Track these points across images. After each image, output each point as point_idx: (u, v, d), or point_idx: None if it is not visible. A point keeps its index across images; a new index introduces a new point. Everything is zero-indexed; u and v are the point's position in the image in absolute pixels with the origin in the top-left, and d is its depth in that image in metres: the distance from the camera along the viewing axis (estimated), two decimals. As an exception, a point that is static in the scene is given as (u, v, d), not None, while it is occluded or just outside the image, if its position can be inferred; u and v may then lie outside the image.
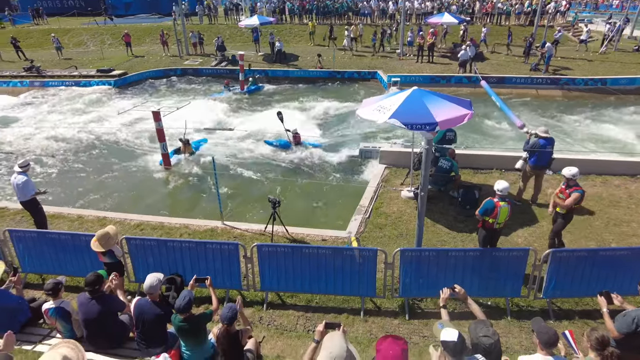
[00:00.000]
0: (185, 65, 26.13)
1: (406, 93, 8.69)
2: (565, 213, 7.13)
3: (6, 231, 6.98)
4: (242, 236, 8.60)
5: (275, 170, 13.18)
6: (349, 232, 8.53)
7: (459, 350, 3.37)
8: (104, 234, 5.77)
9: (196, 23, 33.43)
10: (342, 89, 22.50)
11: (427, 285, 6.38)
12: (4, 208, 9.95)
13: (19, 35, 30.85)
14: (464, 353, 3.45)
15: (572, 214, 7.22)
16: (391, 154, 11.62)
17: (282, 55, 25.60)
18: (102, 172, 13.40)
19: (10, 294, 5.32)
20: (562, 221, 7.25)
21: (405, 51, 25.03)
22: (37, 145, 15.88)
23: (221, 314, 4.38)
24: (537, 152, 8.69)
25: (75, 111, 19.73)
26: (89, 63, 26.83)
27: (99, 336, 4.96)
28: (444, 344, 3.41)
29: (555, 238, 7.46)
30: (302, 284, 6.56)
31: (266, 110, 18.76)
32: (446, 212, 9.30)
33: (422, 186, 6.37)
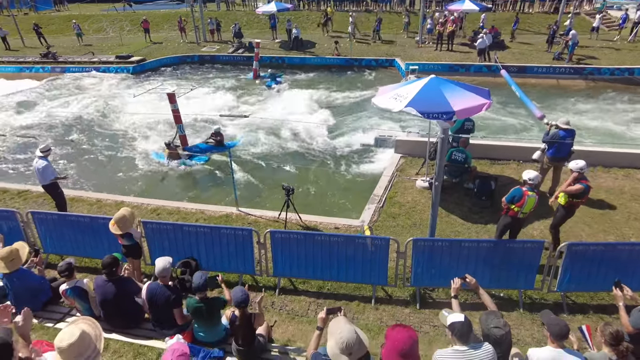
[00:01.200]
0: (202, 52, 26.24)
1: (423, 81, 8.56)
2: (565, 205, 7.00)
3: (29, 213, 7.19)
4: (256, 222, 8.69)
5: (290, 157, 13.22)
6: (362, 221, 8.54)
7: (466, 331, 3.39)
8: (121, 216, 5.90)
9: (213, 10, 33.42)
10: (359, 76, 22.32)
11: (439, 275, 6.36)
12: (27, 191, 10.25)
13: (41, 21, 31.33)
14: (471, 336, 3.46)
15: (573, 209, 7.05)
16: (407, 143, 11.52)
17: (299, 42, 25.46)
18: (118, 157, 13.66)
19: (33, 274, 5.51)
20: (562, 213, 7.11)
21: (424, 39, 24.62)
22: (57, 130, 16.25)
23: (234, 296, 4.47)
24: (557, 143, 8.51)
25: (94, 97, 20.06)
26: (108, 49, 27.17)
27: (116, 316, 5.12)
28: (451, 327, 3.44)
29: (553, 230, 7.35)
30: (314, 271, 6.62)
31: (281, 97, 18.77)
32: (461, 202, 9.21)
33: (437, 176, 6.31)
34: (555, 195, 7.19)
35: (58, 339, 2.85)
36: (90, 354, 2.91)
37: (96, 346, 2.97)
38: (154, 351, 4.79)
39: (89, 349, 2.91)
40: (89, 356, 2.90)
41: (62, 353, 2.82)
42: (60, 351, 2.82)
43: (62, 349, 2.81)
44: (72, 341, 2.84)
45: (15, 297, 5.33)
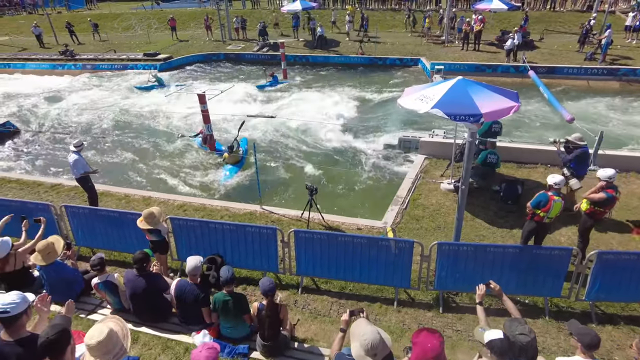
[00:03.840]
0: (227, 50, 26.56)
1: (450, 82, 8.47)
2: (587, 212, 6.82)
3: (63, 207, 7.46)
4: (279, 221, 8.78)
5: (313, 157, 13.28)
6: (384, 223, 8.53)
7: (506, 348, 3.33)
8: (150, 213, 6.07)
9: (239, 8, 33.77)
10: (383, 76, 22.18)
11: (463, 279, 6.30)
12: (60, 184, 10.63)
13: (73, 20, 32.29)
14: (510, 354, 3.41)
15: (596, 216, 6.86)
16: (431, 145, 11.42)
17: (323, 41, 25.47)
18: (147, 152, 13.99)
19: (67, 267, 5.73)
20: (585, 220, 6.94)
21: (451, 38, 24.29)
22: (89, 125, 16.76)
23: (261, 286, 4.58)
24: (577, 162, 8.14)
25: (122, 93, 20.59)
26: (136, 47, 27.80)
27: (145, 310, 5.28)
28: (490, 345, 3.37)
29: (581, 237, 7.17)
30: (337, 271, 6.65)
31: (305, 96, 18.85)
32: (487, 206, 9.08)
33: (463, 179, 6.25)
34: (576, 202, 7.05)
35: (88, 336, 2.97)
36: (117, 352, 3.02)
37: (123, 345, 3.08)
38: (181, 345, 4.91)
39: (116, 347, 3.02)
40: (116, 354, 3.01)
41: (91, 350, 2.94)
42: (89, 348, 2.94)
43: (91, 346, 2.93)
44: (101, 339, 2.95)
45: (50, 288, 5.56)
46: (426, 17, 25.39)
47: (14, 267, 5.58)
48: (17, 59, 27.34)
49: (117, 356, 3.03)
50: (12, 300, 3.25)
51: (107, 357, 2.98)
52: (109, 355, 2.98)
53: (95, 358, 2.97)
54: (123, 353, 3.08)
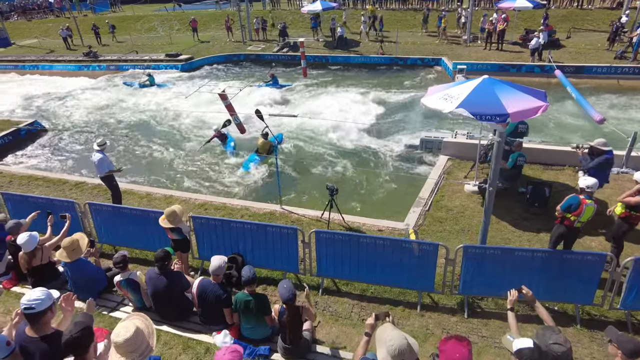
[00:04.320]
0: (248, 51, 26.71)
1: (476, 81, 8.27)
2: (622, 216, 6.52)
3: (87, 204, 7.56)
4: (299, 221, 8.71)
5: (334, 157, 13.18)
6: (406, 224, 8.36)
7: (536, 358, 3.17)
8: (172, 212, 6.07)
9: (259, 9, 33.95)
10: (404, 75, 21.93)
11: (489, 284, 6.11)
12: (83, 182, 10.81)
13: (99, 22, 33.01)
14: None
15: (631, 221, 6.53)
16: (455, 145, 11.18)
17: (343, 41, 25.35)
18: (168, 152, 14.13)
19: (91, 264, 5.78)
20: (619, 225, 6.63)
21: (473, 37, 23.84)
22: (112, 124, 17.06)
23: (280, 293, 4.48)
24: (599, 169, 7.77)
25: (144, 93, 20.91)
26: (158, 48, 28.23)
27: (166, 308, 5.28)
28: (519, 354, 3.22)
29: (613, 242, 6.85)
30: (358, 273, 6.53)
31: (326, 97, 18.78)
32: (512, 208, 8.82)
33: (491, 181, 6.05)
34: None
35: (114, 333, 2.95)
36: (143, 350, 2.99)
37: (149, 343, 3.06)
38: (202, 345, 4.88)
39: (142, 345, 3.00)
40: (143, 352, 2.99)
41: (119, 347, 2.92)
42: (116, 345, 2.92)
43: (118, 343, 2.91)
44: (128, 336, 2.93)
45: (74, 284, 5.61)
46: (442, 16, 25.04)
47: (41, 262, 5.66)
48: (45, 61, 28.10)
49: (144, 354, 3.01)
50: (37, 297, 3.26)
51: (134, 355, 2.96)
52: (135, 353, 2.97)
53: (121, 355, 2.95)
54: (149, 351, 3.06)
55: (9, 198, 8.06)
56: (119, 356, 2.96)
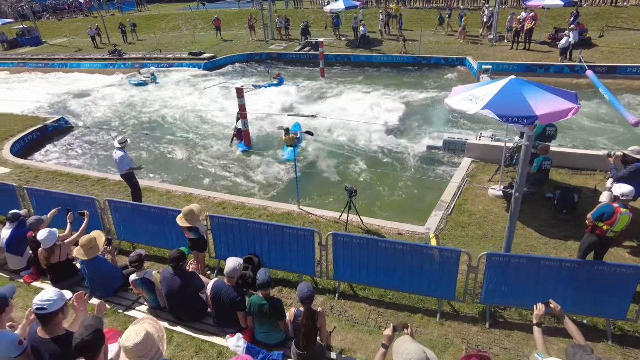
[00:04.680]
0: (270, 50, 26.74)
1: (502, 82, 7.98)
2: None
3: (106, 201, 7.62)
4: (317, 222, 8.58)
5: (353, 158, 13.01)
6: (427, 229, 8.13)
7: None
8: (189, 211, 6.03)
9: (282, 8, 33.99)
10: (427, 75, 21.57)
11: (513, 293, 5.86)
12: (105, 179, 10.96)
13: (125, 21, 33.65)
14: None
15: None
16: (479, 148, 10.85)
17: (366, 40, 25.10)
18: (188, 149, 14.23)
19: (107, 262, 5.80)
20: None
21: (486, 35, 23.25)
22: (134, 122, 17.32)
23: (299, 293, 4.38)
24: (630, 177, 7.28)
25: (168, 91, 21.19)
26: (182, 46, 28.57)
27: (180, 309, 5.23)
28: None
29: None
30: (377, 278, 6.36)
31: (347, 96, 18.61)
32: (538, 214, 8.48)
33: (518, 186, 5.78)
34: None
35: (124, 337, 2.89)
36: (153, 356, 2.92)
37: (159, 348, 2.98)
38: (214, 349, 4.81)
39: (152, 350, 2.93)
40: (153, 357, 2.92)
41: (128, 352, 2.86)
42: (126, 350, 2.85)
43: (128, 348, 2.85)
44: (138, 341, 2.87)
45: (91, 282, 5.63)
46: (462, 15, 24.45)
47: (59, 259, 5.70)
48: (73, 59, 28.81)
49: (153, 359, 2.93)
50: (50, 298, 3.23)
51: None
52: (145, 359, 2.90)
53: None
54: (159, 357, 2.99)
55: (33, 193, 8.21)
56: None
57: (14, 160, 12.71)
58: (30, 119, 16.57)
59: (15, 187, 8.38)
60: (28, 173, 11.57)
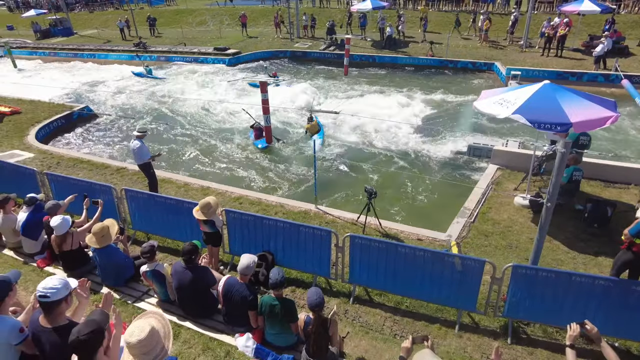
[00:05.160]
0: (294, 48, 26.65)
1: (535, 86, 7.63)
2: None
3: (123, 190, 7.57)
4: (334, 223, 8.37)
5: (374, 158, 12.75)
6: (448, 236, 7.82)
7: None
8: (206, 203, 5.90)
9: (308, 6, 33.89)
10: (453, 79, 21.10)
11: (538, 309, 5.52)
12: (124, 168, 10.98)
13: (154, 14, 34.14)
14: None
15: None
16: (505, 154, 10.44)
17: (391, 41, 24.76)
18: (208, 142, 14.20)
19: (119, 252, 5.71)
20: None
21: (531, 43, 22.56)
22: (156, 113, 17.43)
23: (308, 299, 4.18)
24: None
25: (191, 84, 21.30)
26: (207, 41, 28.74)
27: (190, 304, 5.09)
28: None
29: None
30: (394, 284, 6.11)
31: (370, 96, 18.35)
32: (565, 227, 8.07)
33: (550, 195, 5.45)
34: None
35: (128, 332, 2.73)
36: (158, 353, 2.75)
37: (164, 345, 2.81)
38: (222, 347, 4.64)
39: (157, 347, 2.77)
40: (157, 355, 2.75)
41: (131, 348, 2.70)
42: (129, 346, 2.70)
43: (131, 344, 2.69)
44: (142, 337, 2.71)
45: (101, 271, 5.55)
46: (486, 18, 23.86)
47: (71, 247, 5.64)
48: (101, 50, 29.34)
49: (158, 357, 2.77)
50: (53, 286, 3.11)
51: (147, 358, 2.73)
52: (149, 356, 2.74)
53: (134, 357, 2.72)
54: (164, 355, 2.81)
55: (53, 179, 8.24)
56: (132, 358, 2.73)
57: (38, 145, 12.89)
58: (56, 106, 16.84)
59: (36, 172, 8.42)
60: (50, 159, 11.70)
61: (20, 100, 17.42)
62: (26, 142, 13.12)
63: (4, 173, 8.88)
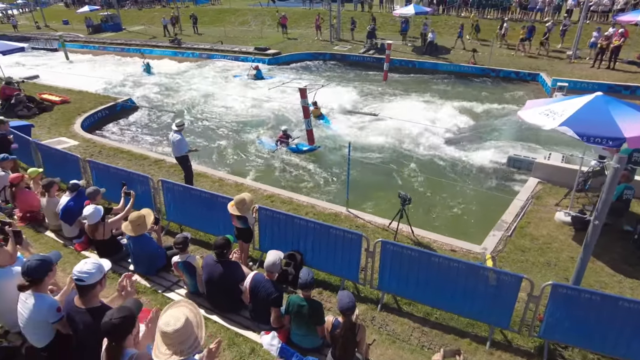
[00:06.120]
0: (334, 51, 26.67)
1: (586, 98, 7.31)
2: None
3: (160, 181, 7.74)
4: (364, 227, 8.24)
5: (410, 163, 12.51)
6: (484, 248, 7.54)
7: None
8: (241, 199, 5.93)
9: (350, 9, 33.86)
10: (495, 88, 20.51)
11: (577, 332, 5.20)
12: (162, 160, 11.26)
13: (198, 13, 35.08)
14: None
15: None
16: (547, 168, 10.00)
17: (433, 47, 24.35)
18: (244, 140, 14.38)
19: (153, 241, 5.81)
20: None
21: (580, 54, 21.61)
22: (195, 108, 17.84)
23: (339, 302, 4.09)
24: None
25: (229, 82, 21.68)
26: (248, 41, 29.22)
27: (218, 297, 5.10)
28: None
29: None
30: (424, 294, 5.93)
31: (409, 101, 18.11)
32: (612, 248, 7.62)
33: (598, 213, 5.13)
34: None
35: (163, 322, 2.72)
36: (192, 344, 2.74)
37: (197, 336, 2.79)
38: (248, 344, 4.62)
39: (191, 338, 2.75)
40: (191, 345, 2.73)
41: (166, 337, 2.69)
42: (163, 335, 2.68)
43: (167, 333, 2.68)
44: (178, 327, 2.70)
45: (134, 258, 5.67)
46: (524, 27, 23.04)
47: (103, 237, 5.79)
48: (147, 46, 30.45)
49: (191, 348, 2.75)
50: (88, 270, 3.17)
51: (182, 347, 2.70)
52: (183, 345, 2.71)
53: (168, 347, 2.70)
54: (197, 346, 2.79)
55: (94, 167, 8.53)
56: (165, 347, 2.71)
57: (83, 134, 13.43)
58: (101, 97, 17.54)
59: (80, 159, 8.75)
60: (93, 147, 12.16)
61: (70, 91, 18.25)
62: (72, 130, 13.70)
63: (51, 158, 9.29)
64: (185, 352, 2.71)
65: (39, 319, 3.40)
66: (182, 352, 2.70)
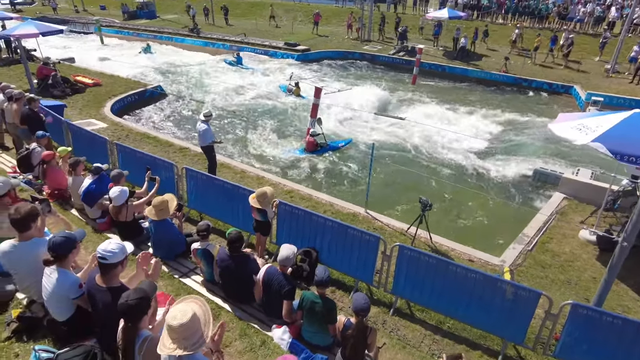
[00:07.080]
0: (364, 50, 26.55)
1: (623, 114, 7.02)
2: None
3: (184, 168, 7.86)
4: (382, 230, 8.19)
5: (433, 169, 12.38)
6: (502, 261, 7.40)
7: None
8: (263, 193, 5.98)
9: (383, 10, 33.63)
10: (526, 98, 20.08)
11: (596, 355, 5.05)
12: (187, 148, 11.43)
13: (230, 5, 35.41)
14: None
15: None
16: (574, 184, 9.72)
17: (464, 52, 23.97)
18: (267, 134, 14.47)
19: (174, 227, 5.91)
20: None
21: (618, 68, 20.92)
22: (223, 100, 18.03)
23: (354, 302, 4.08)
24: None
25: (258, 75, 21.84)
26: (279, 35, 29.35)
27: (232, 288, 5.15)
28: None
29: None
30: (438, 302, 5.85)
31: (436, 106, 17.89)
32: (636, 271, 7.37)
33: (627, 234, 4.96)
34: None
35: (171, 315, 2.76)
36: (197, 340, 2.76)
37: (203, 334, 2.81)
38: (259, 336, 4.65)
39: (196, 334, 2.77)
40: (196, 342, 2.75)
41: (171, 331, 2.73)
42: (169, 328, 2.72)
43: (172, 327, 2.71)
44: (184, 321, 2.72)
45: (155, 243, 5.77)
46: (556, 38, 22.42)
47: (125, 218, 5.92)
48: (179, 34, 30.97)
49: (196, 345, 2.77)
50: (112, 249, 3.25)
51: (186, 343, 2.73)
52: (188, 341, 2.74)
53: (173, 341, 2.74)
54: (202, 343, 2.81)
55: (121, 149, 8.72)
56: (170, 341, 2.75)
57: (112, 117, 13.75)
58: (132, 82, 17.92)
59: (107, 141, 8.96)
60: (121, 131, 12.43)
61: (102, 74, 18.71)
62: (102, 112, 14.04)
63: (80, 138, 9.53)
64: (189, 347, 2.73)
65: (61, 294, 3.50)
66: (186, 347, 2.72)
